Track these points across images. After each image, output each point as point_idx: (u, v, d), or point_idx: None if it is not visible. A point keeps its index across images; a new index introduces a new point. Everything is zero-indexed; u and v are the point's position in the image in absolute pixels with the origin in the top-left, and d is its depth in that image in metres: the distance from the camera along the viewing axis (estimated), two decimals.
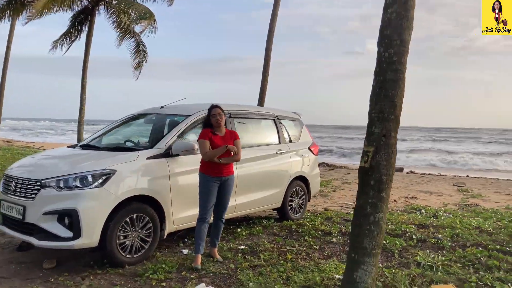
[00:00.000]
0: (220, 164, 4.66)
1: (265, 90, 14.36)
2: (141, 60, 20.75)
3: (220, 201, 4.77)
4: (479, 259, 4.77)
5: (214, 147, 4.65)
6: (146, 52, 20.94)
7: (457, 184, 13.31)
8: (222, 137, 4.74)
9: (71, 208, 4.24)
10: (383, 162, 3.42)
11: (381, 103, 3.46)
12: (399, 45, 3.47)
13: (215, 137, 4.70)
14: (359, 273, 3.41)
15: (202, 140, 4.68)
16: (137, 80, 21.11)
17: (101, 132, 6.05)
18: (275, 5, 14.50)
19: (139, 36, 20.40)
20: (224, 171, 4.73)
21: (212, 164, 4.66)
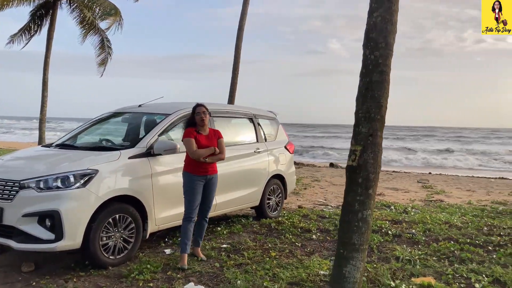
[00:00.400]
0: (205, 163, 4.68)
1: (235, 88, 14.40)
2: (106, 56, 20.26)
3: (204, 200, 4.78)
4: (452, 252, 5.01)
5: (198, 146, 4.65)
6: (111, 48, 20.44)
7: (421, 181, 13.82)
8: (206, 136, 4.75)
9: (53, 210, 4.13)
10: (370, 161, 3.53)
11: (368, 104, 3.57)
12: (384, 47, 3.59)
13: (199, 136, 4.70)
14: (348, 268, 3.52)
15: (188, 139, 4.66)
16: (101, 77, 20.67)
17: (76, 131, 5.91)
18: (244, 3, 14.54)
19: (104, 32, 19.90)
20: (209, 170, 4.75)
21: (197, 163, 4.67)
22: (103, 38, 19.89)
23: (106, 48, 20.18)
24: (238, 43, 14.52)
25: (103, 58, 20.29)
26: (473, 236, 5.77)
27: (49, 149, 5.33)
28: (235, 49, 14.49)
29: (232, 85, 14.38)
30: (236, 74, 14.42)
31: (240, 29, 14.50)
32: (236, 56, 14.45)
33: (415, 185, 12.85)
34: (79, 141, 5.65)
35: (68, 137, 5.77)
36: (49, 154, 5.12)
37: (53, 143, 5.73)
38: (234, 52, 14.48)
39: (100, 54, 20.14)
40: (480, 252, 5.00)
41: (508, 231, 6.06)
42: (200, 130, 4.74)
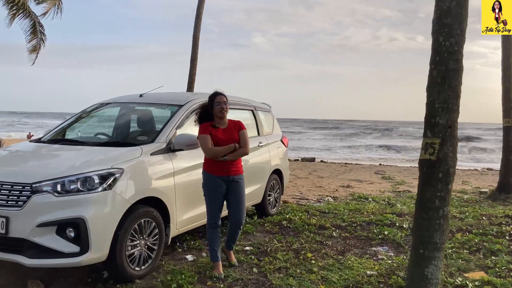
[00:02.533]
0: (226, 162, 4.14)
1: (194, 79, 13.72)
2: (39, 43, 18.45)
3: (232, 204, 4.22)
4: (479, 244, 5.03)
5: (216, 143, 4.10)
6: (44, 34, 18.67)
7: (378, 172, 14.21)
8: (224, 129, 4.18)
9: (77, 217, 3.47)
10: (450, 154, 3.34)
11: (445, 93, 3.36)
12: (459, 34, 3.40)
13: (216, 131, 4.13)
14: (430, 269, 3.30)
15: (203, 136, 4.09)
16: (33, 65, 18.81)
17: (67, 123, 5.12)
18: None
19: (36, 17, 18.10)
20: (232, 169, 4.17)
21: (217, 162, 4.11)
22: (35, 23, 18.09)
23: (38, 33, 18.37)
24: (196, 33, 13.83)
25: (34, 45, 18.46)
26: (481, 226, 5.88)
27: (49, 145, 4.52)
28: (193, 39, 13.79)
29: (190, 76, 13.67)
30: (194, 65, 13.73)
31: (198, 17, 13.82)
32: (194, 46, 13.75)
33: (374, 176, 13.17)
34: (80, 135, 4.90)
35: (62, 131, 4.97)
36: (54, 151, 4.34)
37: (41, 137, 4.91)
38: (192, 41, 13.77)
39: (31, 39, 18.27)
40: (504, 243, 5.08)
41: (507, 220, 6.28)
42: (217, 123, 4.19)
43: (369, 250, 4.89)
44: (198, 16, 13.80)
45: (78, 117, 5.21)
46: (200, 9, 13.87)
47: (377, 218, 6.20)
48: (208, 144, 4.06)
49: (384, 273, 4.09)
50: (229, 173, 4.16)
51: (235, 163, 4.21)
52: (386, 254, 4.74)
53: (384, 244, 5.12)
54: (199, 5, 13.90)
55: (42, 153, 4.32)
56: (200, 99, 5.03)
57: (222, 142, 4.12)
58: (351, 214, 6.58)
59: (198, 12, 13.82)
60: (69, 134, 4.93)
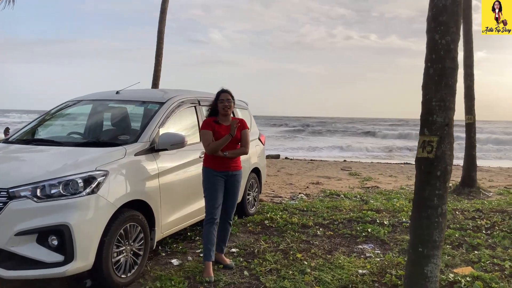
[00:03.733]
0: (226, 157, 4.09)
1: (159, 75, 13.36)
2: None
3: (227, 200, 4.21)
4: (458, 239, 5.13)
5: (217, 139, 4.06)
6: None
7: (344, 168, 14.39)
8: (227, 127, 4.14)
9: (60, 224, 3.21)
10: (448, 152, 3.34)
11: (442, 92, 3.36)
12: (455, 32, 3.41)
13: (219, 127, 4.11)
14: (429, 267, 3.29)
15: (204, 131, 4.08)
16: None
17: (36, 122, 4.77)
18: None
19: None
20: (232, 165, 4.17)
21: (217, 158, 4.08)
22: None
23: None
24: (161, 28, 13.44)
25: None
26: (457, 221, 6.02)
27: (22, 146, 4.18)
28: (158, 34, 13.40)
29: (155, 72, 13.30)
30: (159, 61, 13.36)
31: (163, 12, 13.43)
32: (159, 41, 13.36)
33: (341, 173, 13.32)
34: (54, 134, 4.56)
35: (31, 130, 4.62)
36: (29, 152, 4.00)
37: (9, 137, 4.54)
38: (157, 37, 13.38)
39: None
40: (482, 237, 5.21)
41: (479, 214, 6.47)
42: (220, 120, 4.14)
43: (355, 248, 4.88)
44: (163, 11, 13.44)
45: (49, 115, 4.87)
46: (165, 4, 13.51)
47: (356, 215, 6.22)
48: (209, 139, 4.05)
49: (376, 272, 4.07)
50: (228, 169, 4.16)
51: (235, 159, 4.22)
52: (372, 251, 4.74)
53: (368, 241, 5.13)
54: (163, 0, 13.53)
55: (15, 155, 3.98)
56: (181, 96, 4.84)
57: None
58: (330, 212, 6.57)
59: (163, 7, 13.46)
60: (42, 133, 4.60)
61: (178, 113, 4.73)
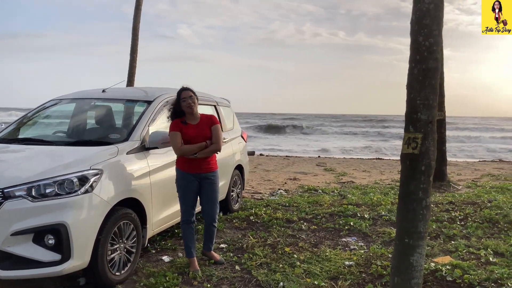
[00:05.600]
0: (198, 159, 4.07)
1: (134, 72, 13.23)
2: None
3: (205, 202, 4.21)
4: (436, 230, 5.39)
5: (186, 140, 4.02)
6: None
7: (319, 164, 14.67)
8: (195, 125, 4.09)
9: (57, 223, 3.23)
10: (431, 148, 3.53)
11: (426, 91, 3.55)
12: (437, 35, 3.60)
13: (186, 128, 4.04)
14: (415, 257, 3.48)
15: (173, 133, 4.02)
16: None
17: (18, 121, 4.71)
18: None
19: None
20: (204, 167, 4.13)
21: (189, 159, 4.06)
22: None
23: None
24: (136, 24, 13.31)
25: None
26: (433, 213, 6.29)
27: (11, 145, 4.13)
28: (133, 30, 13.27)
29: (130, 69, 13.16)
30: (134, 57, 13.22)
31: (137, 8, 13.32)
32: (134, 38, 13.24)
33: (317, 169, 13.57)
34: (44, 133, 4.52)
35: (17, 129, 4.56)
36: (22, 151, 3.96)
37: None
38: (132, 33, 13.25)
39: None
40: (458, 227, 5.49)
41: (452, 206, 6.78)
42: (188, 119, 4.10)
43: (340, 241, 5.06)
44: (138, 6, 13.33)
45: (38, 114, 4.81)
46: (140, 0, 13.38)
47: (338, 210, 6.41)
48: (178, 142, 3.99)
49: (361, 263, 4.25)
50: (201, 171, 4.12)
51: (208, 160, 4.17)
52: (356, 244, 4.93)
53: (352, 234, 5.32)
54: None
55: (6, 154, 3.93)
56: (168, 94, 4.88)
57: (193, 138, 4.05)
58: (312, 207, 6.75)
59: (137, 3, 13.33)
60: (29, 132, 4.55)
61: (166, 112, 4.76)
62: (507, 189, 8.79)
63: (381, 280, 3.85)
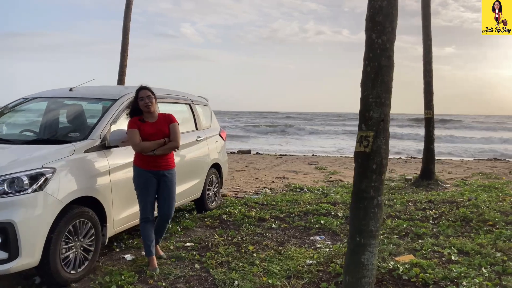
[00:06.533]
0: (157, 156, 4.11)
1: (125, 70, 13.24)
2: None
3: (162, 199, 4.24)
4: (407, 229, 5.37)
5: (143, 137, 4.06)
6: None
7: (311, 163, 14.63)
8: (153, 123, 4.14)
9: (4, 221, 3.24)
10: (383, 146, 3.51)
11: (378, 89, 3.53)
12: (390, 32, 3.58)
13: (144, 125, 4.10)
14: (366, 255, 3.46)
15: (130, 130, 4.07)
16: None
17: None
18: None
19: None
20: (162, 164, 4.17)
21: (147, 157, 4.09)
22: None
23: None
24: (126, 23, 13.33)
25: None
26: (408, 212, 6.27)
27: None
28: (123, 29, 13.29)
29: (121, 67, 13.18)
30: (125, 56, 13.24)
31: (128, 7, 13.33)
32: (125, 36, 13.26)
33: (308, 167, 13.55)
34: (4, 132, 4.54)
35: None
36: None
37: None
38: (122, 32, 13.27)
39: None
40: (428, 226, 5.46)
41: (430, 205, 6.75)
42: (146, 117, 4.15)
43: (307, 239, 5.05)
44: (128, 5, 13.33)
45: (2, 112, 4.84)
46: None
47: (313, 208, 6.40)
48: (136, 139, 4.03)
49: (322, 262, 4.24)
50: (159, 168, 4.16)
51: (165, 157, 4.21)
52: (323, 242, 4.92)
53: (321, 233, 5.31)
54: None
55: None
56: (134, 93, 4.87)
57: (150, 136, 4.10)
58: (289, 205, 6.74)
59: (128, 2, 13.34)
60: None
61: None
62: (494, 188, 8.74)
63: (337, 279, 3.83)
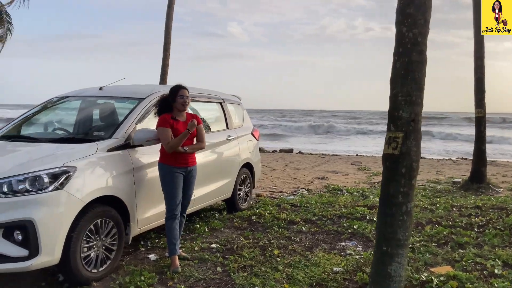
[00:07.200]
0: (185, 153, 4.14)
1: (167, 70, 13.44)
2: (5, 32, 17.90)
3: (184, 195, 4.26)
4: (447, 237, 4.99)
5: (176, 135, 4.07)
6: (11, 24, 18.10)
7: (354, 163, 14.21)
8: (184, 122, 4.19)
9: (24, 219, 3.27)
10: (414, 148, 3.25)
11: (408, 86, 3.27)
12: (423, 25, 3.30)
13: (177, 124, 4.13)
14: (393, 266, 3.21)
15: (162, 128, 4.07)
16: None
17: (21, 119, 4.87)
18: None
19: (2, 5, 17.50)
20: (189, 161, 4.24)
21: (176, 153, 4.11)
22: (1, 12, 17.51)
23: (5, 23, 17.81)
24: (168, 23, 13.52)
25: (1, 35, 17.90)
26: (450, 218, 5.86)
27: (1, 142, 4.27)
28: (165, 29, 13.48)
29: (163, 67, 13.39)
30: (167, 55, 13.43)
31: (170, 7, 13.51)
32: (167, 36, 13.45)
33: (351, 168, 13.16)
34: (33, 131, 4.65)
35: (14, 127, 4.72)
36: (2, 149, 4.09)
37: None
38: (164, 32, 13.47)
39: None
40: (472, 235, 5.05)
41: (476, 211, 6.28)
42: (177, 116, 4.17)
43: (337, 245, 4.81)
44: (170, 5, 13.51)
45: (35, 111, 4.96)
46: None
47: (348, 212, 6.13)
48: (168, 137, 4.06)
49: (350, 270, 4.01)
50: (187, 164, 4.22)
51: (192, 154, 4.30)
52: (354, 249, 4.67)
53: (353, 238, 5.05)
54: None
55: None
56: (162, 92, 4.84)
57: None
58: (323, 208, 6.50)
59: (170, 2, 13.51)
60: (24, 129, 4.70)
61: None
62: None
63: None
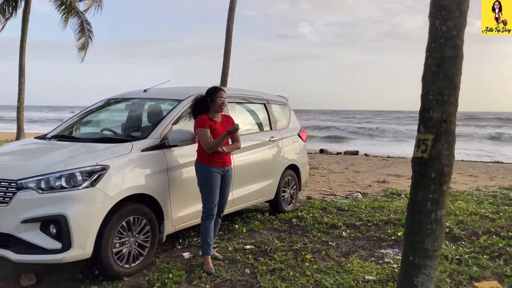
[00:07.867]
0: (223, 153, 4.18)
1: (227, 72, 13.72)
2: (87, 40, 19.37)
3: (221, 194, 4.29)
4: (502, 249, 4.56)
5: (215, 136, 4.11)
6: (91, 32, 19.53)
7: None
8: (221, 123, 4.25)
9: (58, 214, 3.48)
10: (445, 152, 2.99)
11: (440, 84, 3.02)
12: (458, 17, 3.03)
13: (216, 125, 4.18)
14: (420, 278, 2.99)
15: (202, 129, 4.10)
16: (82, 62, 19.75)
17: (73, 120, 5.19)
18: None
19: (83, 15, 18.92)
20: (227, 160, 4.28)
21: (214, 153, 4.14)
22: (83, 21, 18.93)
23: (86, 31, 19.25)
24: (229, 25, 13.80)
25: (83, 42, 19.40)
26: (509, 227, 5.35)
27: (45, 142, 4.61)
28: (226, 32, 13.77)
29: (224, 69, 13.69)
30: (228, 58, 13.72)
31: (231, 10, 13.77)
32: (228, 39, 13.74)
33: None
34: (79, 131, 4.95)
35: (65, 127, 5.05)
36: (47, 147, 4.41)
37: (47, 134, 5.01)
38: (226, 35, 13.77)
39: (80, 38, 19.23)
40: None
41: None
42: (214, 117, 4.22)
43: (377, 252, 4.58)
44: (232, 8, 13.76)
45: (85, 113, 5.26)
46: (233, 1, 13.78)
47: (396, 217, 5.81)
48: (207, 138, 4.10)
49: (383, 279, 3.79)
50: (224, 164, 4.25)
51: (228, 154, 4.33)
52: (394, 257, 4.41)
53: (395, 246, 4.78)
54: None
55: (35, 150, 4.38)
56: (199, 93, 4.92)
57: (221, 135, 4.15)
58: (371, 212, 6.23)
59: (231, 5, 13.77)
60: (69, 130, 5.00)
61: None
62: None
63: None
